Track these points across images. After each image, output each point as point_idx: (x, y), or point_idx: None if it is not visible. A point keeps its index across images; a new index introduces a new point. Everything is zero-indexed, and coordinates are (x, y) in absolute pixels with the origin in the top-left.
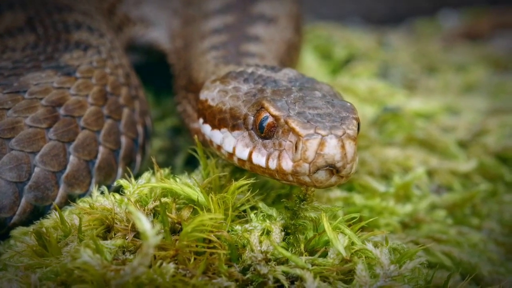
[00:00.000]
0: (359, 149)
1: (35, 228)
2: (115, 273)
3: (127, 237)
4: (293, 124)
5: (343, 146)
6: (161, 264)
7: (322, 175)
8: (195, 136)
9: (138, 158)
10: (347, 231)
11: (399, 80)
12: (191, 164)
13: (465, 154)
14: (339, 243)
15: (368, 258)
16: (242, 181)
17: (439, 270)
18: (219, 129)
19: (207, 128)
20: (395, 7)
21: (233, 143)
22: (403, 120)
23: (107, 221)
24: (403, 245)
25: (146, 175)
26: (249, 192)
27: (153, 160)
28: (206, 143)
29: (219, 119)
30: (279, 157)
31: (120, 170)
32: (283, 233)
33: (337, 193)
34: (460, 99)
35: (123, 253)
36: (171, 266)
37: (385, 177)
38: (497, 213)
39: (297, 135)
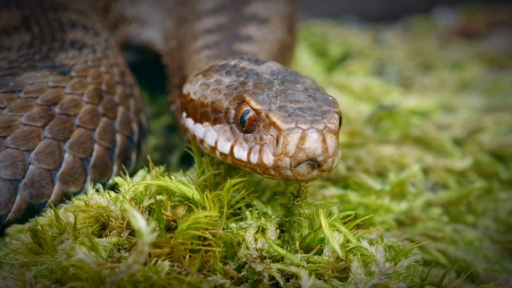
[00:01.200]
0: (354, 147)
1: (30, 225)
2: (110, 271)
3: (122, 235)
4: (274, 118)
5: (324, 140)
6: (156, 261)
7: (303, 169)
8: (190, 133)
9: (133, 156)
10: (342, 228)
11: (395, 78)
12: (186, 161)
13: (460, 152)
14: (336, 241)
15: (363, 255)
16: (237, 179)
17: (435, 267)
18: (201, 122)
19: (190, 122)
20: (390, 5)
21: (215, 137)
22: (399, 118)
23: (102, 219)
24: (399, 243)
25: (141, 172)
26: (244, 189)
27: (148, 157)
28: (193, 140)
29: (201, 113)
30: (260, 151)
31: (115, 168)
32: (278, 230)
33: (332, 190)
34: (455, 96)
35: (118, 250)
36: (166, 263)
37: (381, 174)
38: (492, 210)
39: (278, 129)
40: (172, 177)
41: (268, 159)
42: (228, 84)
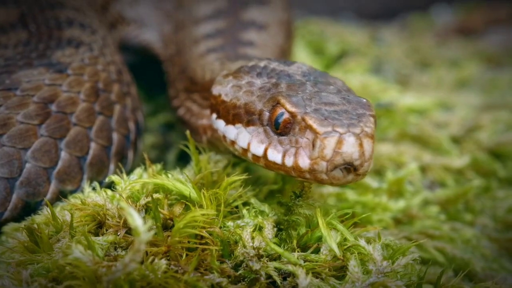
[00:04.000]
0: None
1: (27, 224)
2: (106, 269)
3: (118, 233)
4: (311, 121)
5: (361, 144)
6: (153, 260)
7: (339, 173)
8: (187, 132)
9: (130, 154)
10: (340, 227)
11: (392, 76)
12: (183, 159)
13: (458, 150)
14: (333, 240)
15: (360, 254)
16: (234, 177)
17: (432, 266)
18: (234, 124)
19: (220, 124)
20: (388, 3)
21: (248, 139)
22: (396, 116)
23: (98, 217)
24: (396, 241)
25: (138, 171)
26: (242, 187)
27: (145, 156)
28: (214, 139)
29: (233, 115)
30: (295, 154)
31: (112, 166)
32: (275, 229)
33: (329, 189)
34: (453, 94)
35: (115, 249)
36: (163, 262)
37: (378, 173)
38: (490, 209)
39: (315, 132)
40: (169, 175)
41: (304, 162)
42: (261, 85)
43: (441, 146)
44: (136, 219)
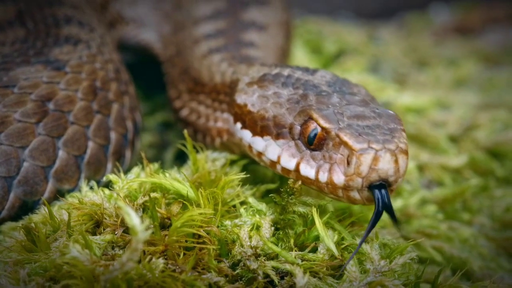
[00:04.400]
0: None
1: (24, 223)
2: (104, 269)
3: (116, 232)
4: (346, 137)
5: (396, 161)
6: (151, 259)
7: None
8: (185, 131)
9: (128, 154)
10: (337, 226)
11: (390, 75)
12: (180, 159)
13: (456, 149)
14: (330, 241)
15: (358, 253)
16: (232, 176)
17: (430, 265)
18: (262, 136)
19: (246, 134)
20: (386, 2)
21: (278, 152)
22: None
23: (96, 216)
24: (394, 240)
25: (135, 170)
26: (239, 186)
27: (143, 155)
28: (230, 143)
29: (261, 126)
30: (330, 170)
31: (109, 165)
32: (273, 228)
33: None
34: (451, 93)
35: (112, 248)
36: (161, 261)
37: None
38: (488, 208)
39: (350, 149)
40: (167, 174)
41: (339, 178)
42: (288, 97)
43: (438, 145)
44: (134, 218)
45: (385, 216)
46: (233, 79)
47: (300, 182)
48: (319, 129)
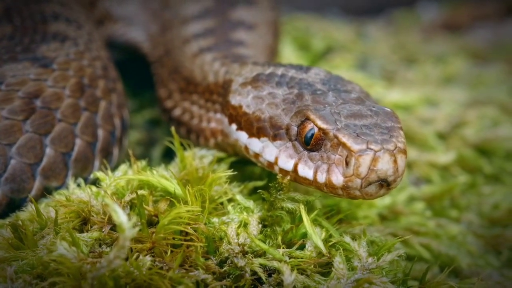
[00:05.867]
0: None
1: (11, 220)
2: (91, 266)
3: (103, 230)
4: (344, 139)
5: (395, 161)
6: (138, 256)
7: (372, 189)
8: (172, 128)
9: (115, 151)
10: (325, 223)
11: (378, 72)
12: (168, 156)
13: (444, 146)
14: (318, 237)
15: (346, 250)
16: (219, 173)
17: (418, 262)
18: (258, 137)
19: (242, 135)
20: None
21: (275, 153)
22: None
23: (83, 214)
24: (381, 238)
25: (123, 167)
26: (227, 184)
27: (130, 152)
28: (225, 144)
29: (257, 128)
30: (328, 171)
31: (97, 163)
32: (260, 225)
33: None
34: (439, 90)
35: (100, 245)
36: (148, 258)
37: None
38: (476, 205)
39: (349, 150)
40: (154, 171)
41: (338, 179)
42: (284, 97)
43: (426, 142)
44: (121, 216)
45: (372, 213)
46: (226, 79)
47: (288, 178)
48: (315, 129)
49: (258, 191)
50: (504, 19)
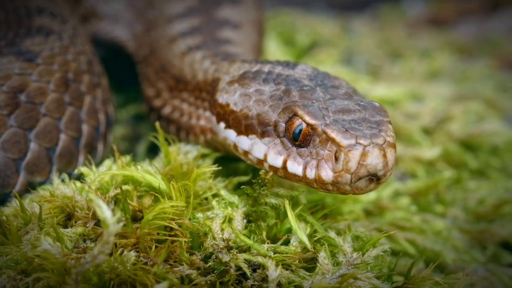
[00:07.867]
0: None
1: None
2: (75, 261)
3: (87, 225)
4: (333, 134)
5: (384, 155)
6: (122, 252)
7: (362, 183)
8: (157, 123)
9: (100, 146)
10: (310, 218)
11: (363, 67)
12: (153, 151)
13: (429, 141)
14: (303, 232)
15: (330, 246)
16: (204, 168)
17: (403, 257)
18: (247, 135)
19: (231, 133)
20: None
21: (264, 150)
22: None
23: (67, 209)
24: (366, 233)
25: (107, 162)
26: (211, 179)
27: (114, 147)
28: (214, 142)
29: (245, 125)
30: (317, 167)
31: (81, 158)
32: (245, 220)
33: None
34: (424, 85)
35: (84, 241)
36: (132, 254)
37: None
38: (461, 200)
39: (338, 145)
40: (138, 167)
41: (327, 175)
42: (271, 94)
43: (412, 137)
44: (105, 211)
45: (357, 208)
46: (215, 77)
47: (271, 173)
48: (304, 125)
49: (242, 186)
50: (490, 14)
